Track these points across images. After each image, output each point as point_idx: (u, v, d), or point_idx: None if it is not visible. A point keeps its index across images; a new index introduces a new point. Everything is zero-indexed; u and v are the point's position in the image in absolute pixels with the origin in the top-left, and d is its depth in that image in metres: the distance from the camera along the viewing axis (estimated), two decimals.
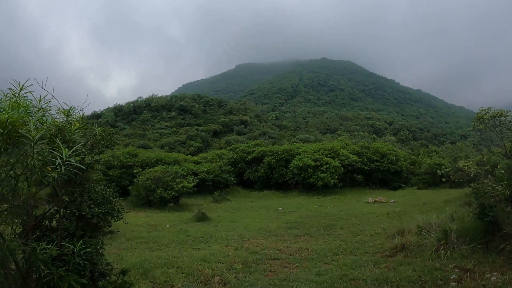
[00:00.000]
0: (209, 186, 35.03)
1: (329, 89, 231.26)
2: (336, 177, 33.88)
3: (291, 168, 35.48)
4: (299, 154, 37.25)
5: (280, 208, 23.67)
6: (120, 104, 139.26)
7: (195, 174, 35.65)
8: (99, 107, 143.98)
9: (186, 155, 49.33)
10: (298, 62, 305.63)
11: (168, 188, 26.06)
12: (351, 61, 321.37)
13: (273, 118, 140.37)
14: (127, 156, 37.03)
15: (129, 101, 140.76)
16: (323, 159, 35.15)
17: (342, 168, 35.55)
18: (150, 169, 29.52)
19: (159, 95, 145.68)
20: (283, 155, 38.53)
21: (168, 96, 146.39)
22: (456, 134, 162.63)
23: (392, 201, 26.20)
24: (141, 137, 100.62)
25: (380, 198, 27.62)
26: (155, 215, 22.78)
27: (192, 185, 27.49)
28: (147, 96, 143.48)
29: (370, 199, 27.21)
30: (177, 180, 27.02)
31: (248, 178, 39.64)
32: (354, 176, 37.56)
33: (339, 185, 34.42)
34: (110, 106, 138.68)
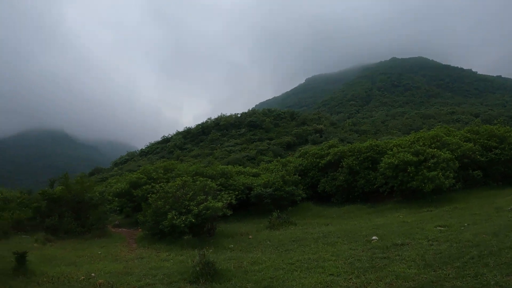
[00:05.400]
0: (268, 205, 24.88)
1: (404, 89, 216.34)
2: (451, 175, 22.12)
3: (381, 169, 24.01)
4: (391, 149, 25.84)
5: (374, 238, 12.57)
6: (190, 127, 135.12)
7: (249, 189, 26.62)
8: None
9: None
10: (367, 66, 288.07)
11: (184, 211, 16.31)
12: (422, 56, 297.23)
13: (350, 124, 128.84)
14: (161, 172, 28.28)
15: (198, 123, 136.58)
16: (427, 151, 23.54)
17: (457, 162, 23.70)
18: (165, 183, 20.35)
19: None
20: (368, 154, 27.10)
21: (237, 114, 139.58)
22: None
23: None
24: (209, 156, 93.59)
25: None
26: (153, 256, 13.63)
27: (221, 204, 16.96)
28: (216, 117, 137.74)
29: None
30: (198, 198, 16.93)
31: (323, 190, 28.39)
32: (469, 173, 25.37)
33: (457, 186, 22.65)
34: (179, 130, 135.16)
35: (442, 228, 13.31)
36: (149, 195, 19.08)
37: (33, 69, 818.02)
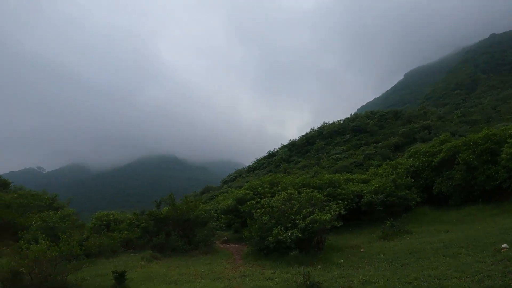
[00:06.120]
0: (380, 212, 23.55)
1: (511, 67, 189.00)
2: None
3: (502, 161, 21.24)
4: (511, 137, 22.96)
5: (504, 246, 10.76)
6: (294, 139, 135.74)
7: (359, 196, 25.25)
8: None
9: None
10: (466, 48, 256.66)
11: (290, 225, 15.78)
12: None
13: (459, 115, 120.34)
14: (267, 186, 28.22)
15: (302, 134, 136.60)
16: None
17: None
18: (270, 198, 20.06)
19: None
20: (486, 145, 23.97)
21: (340, 120, 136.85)
22: None
23: None
24: (315, 166, 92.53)
25: None
26: (257, 274, 13.26)
27: (329, 216, 15.96)
28: (319, 126, 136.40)
29: None
30: (304, 211, 16.21)
31: (439, 192, 25.80)
32: None
33: None
34: (283, 143, 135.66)
35: None
36: (254, 211, 18.89)
37: (140, 102, 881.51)
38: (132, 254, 19.39)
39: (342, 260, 13.79)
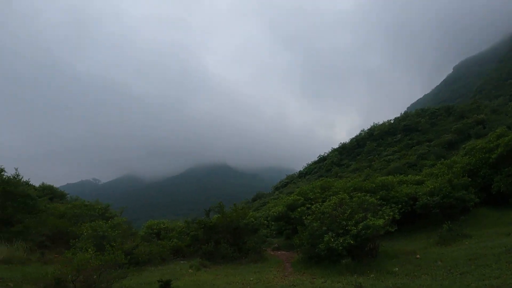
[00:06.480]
0: (436, 215, 22.49)
1: None
2: None
3: None
4: None
5: None
6: (345, 142, 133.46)
7: (413, 199, 24.24)
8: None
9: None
10: None
11: (342, 231, 15.27)
12: None
13: None
14: (318, 191, 27.94)
15: (352, 137, 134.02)
16: None
17: None
18: (321, 203, 19.62)
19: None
20: None
21: (390, 120, 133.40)
22: None
23: None
24: (367, 169, 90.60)
25: None
26: (307, 283, 12.89)
27: (382, 221, 15.36)
28: (369, 127, 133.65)
29: None
30: (356, 216, 15.67)
31: (498, 191, 24.23)
32: None
33: None
34: (334, 147, 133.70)
35: None
36: (304, 217, 18.60)
37: (190, 113, 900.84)
38: (182, 262, 19.75)
39: (396, 268, 13.19)
